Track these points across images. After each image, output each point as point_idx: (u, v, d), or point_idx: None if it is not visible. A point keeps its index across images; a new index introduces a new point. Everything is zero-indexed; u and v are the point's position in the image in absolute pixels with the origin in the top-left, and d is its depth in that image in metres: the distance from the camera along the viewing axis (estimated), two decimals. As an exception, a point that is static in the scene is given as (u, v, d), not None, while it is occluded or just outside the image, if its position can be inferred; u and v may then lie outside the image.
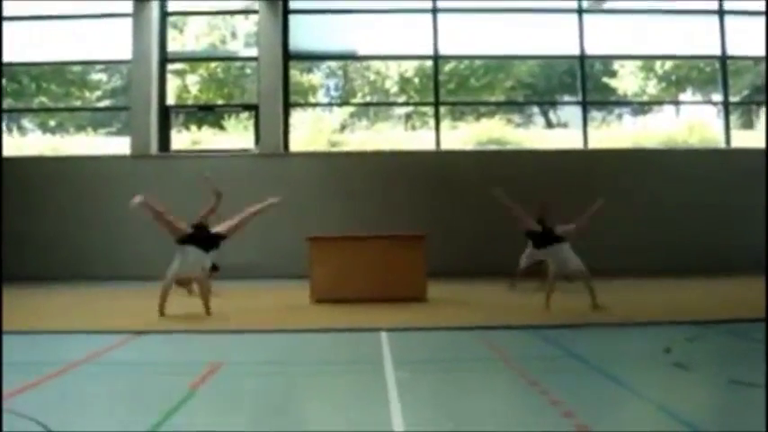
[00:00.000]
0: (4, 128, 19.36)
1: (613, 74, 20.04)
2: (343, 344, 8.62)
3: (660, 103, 20.28)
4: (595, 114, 19.89)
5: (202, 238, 11.08)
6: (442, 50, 18.91)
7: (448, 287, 13.59)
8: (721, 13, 19.00)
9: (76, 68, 19.84)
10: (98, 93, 20.07)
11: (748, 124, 19.20)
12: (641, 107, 20.33)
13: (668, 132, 19.63)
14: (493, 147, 19.14)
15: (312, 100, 20.24)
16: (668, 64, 19.86)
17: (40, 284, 15.72)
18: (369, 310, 10.87)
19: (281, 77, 18.54)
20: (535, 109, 20.56)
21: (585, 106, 19.04)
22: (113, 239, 17.66)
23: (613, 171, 18.01)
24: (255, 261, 17.18)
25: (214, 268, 11.41)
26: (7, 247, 17.34)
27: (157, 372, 7.15)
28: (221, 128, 19.42)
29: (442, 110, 19.14)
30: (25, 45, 18.80)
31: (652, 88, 19.99)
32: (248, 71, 19.79)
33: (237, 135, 19.17)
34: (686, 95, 20.29)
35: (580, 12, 18.95)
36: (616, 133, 19.79)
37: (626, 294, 13.20)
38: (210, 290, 11.18)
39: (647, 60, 19.73)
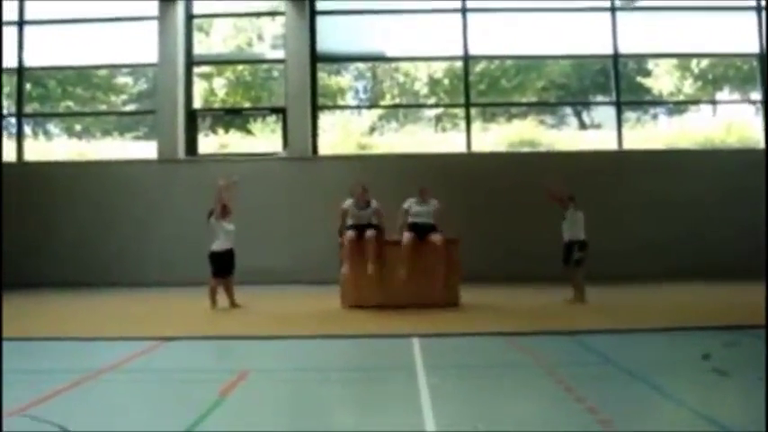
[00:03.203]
0: (30, 132, 19.57)
1: (648, 73, 19.91)
2: (374, 350, 8.62)
3: (696, 102, 20.08)
4: (630, 115, 19.75)
5: None
6: (473, 51, 18.85)
7: (482, 293, 13.54)
8: (759, 9, 18.83)
9: (102, 72, 20.04)
10: (124, 96, 20.27)
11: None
12: (677, 107, 20.15)
13: (705, 133, 19.42)
14: (525, 149, 19.09)
15: (340, 102, 20.29)
16: (704, 62, 19.67)
17: (66, 290, 15.87)
18: (401, 316, 10.87)
19: (309, 80, 18.58)
20: (568, 110, 20.47)
21: (620, 106, 18.91)
22: (140, 245, 17.80)
23: (648, 173, 17.91)
24: (285, 267, 17.25)
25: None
26: (32, 252, 17.52)
27: (186, 379, 7.18)
28: (248, 131, 19.49)
29: (473, 111, 19.08)
30: (50, 49, 19.01)
31: (688, 87, 19.82)
32: (275, 74, 19.87)
33: (265, 138, 19.24)
34: (723, 94, 20.08)
35: (613, 10, 18.84)
36: (651, 134, 19.64)
37: (662, 298, 13.13)
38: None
39: (683, 59, 19.57)
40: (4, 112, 19.02)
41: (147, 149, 18.88)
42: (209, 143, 19.23)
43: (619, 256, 16.77)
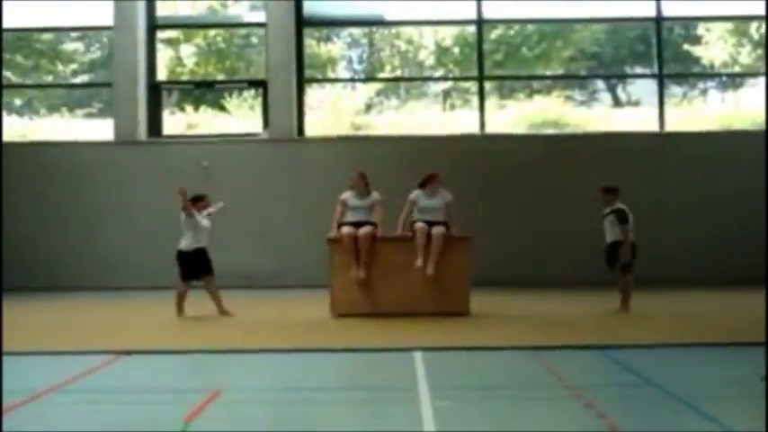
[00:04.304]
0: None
1: (697, 39, 19.83)
2: (368, 367, 8.61)
3: (755, 74, 20.01)
4: (674, 90, 19.73)
5: None
6: (487, 14, 18.76)
7: (496, 300, 13.53)
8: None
9: (47, 36, 19.93)
10: (74, 66, 20.19)
11: None
12: (732, 80, 20.11)
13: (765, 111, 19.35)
14: (549, 130, 19.05)
15: (331, 75, 20.27)
16: (765, 27, 19.61)
17: (6, 295, 15.76)
18: (400, 327, 10.84)
19: (294, 48, 18.49)
20: (600, 84, 20.45)
21: (662, 80, 18.84)
22: (94, 242, 17.71)
23: (696, 158, 17.82)
24: (266, 268, 17.20)
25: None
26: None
27: (145, 401, 7.14)
28: (222, 108, 19.44)
29: (488, 86, 19.05)
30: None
31: (745, 57, 19.75)
32: (254, 40, 19.84)
33: (242, 117, 19.21)
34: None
35: (656, -35, 18.78)
36: (700, 113, 19.60)
37: (711, 307, 13.07)
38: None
39: (740, 22, 19.49)
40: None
41: (101, 129, 18.82)
42: (175, 122, 19.22)
43: (660, 258, 16.71)
